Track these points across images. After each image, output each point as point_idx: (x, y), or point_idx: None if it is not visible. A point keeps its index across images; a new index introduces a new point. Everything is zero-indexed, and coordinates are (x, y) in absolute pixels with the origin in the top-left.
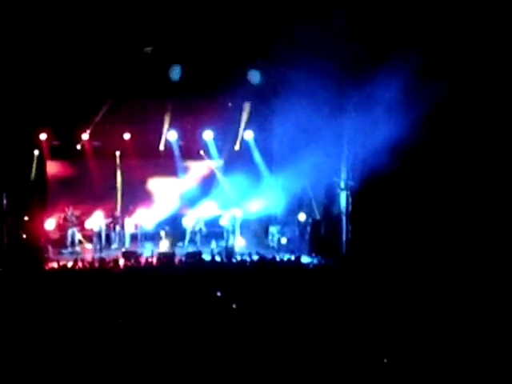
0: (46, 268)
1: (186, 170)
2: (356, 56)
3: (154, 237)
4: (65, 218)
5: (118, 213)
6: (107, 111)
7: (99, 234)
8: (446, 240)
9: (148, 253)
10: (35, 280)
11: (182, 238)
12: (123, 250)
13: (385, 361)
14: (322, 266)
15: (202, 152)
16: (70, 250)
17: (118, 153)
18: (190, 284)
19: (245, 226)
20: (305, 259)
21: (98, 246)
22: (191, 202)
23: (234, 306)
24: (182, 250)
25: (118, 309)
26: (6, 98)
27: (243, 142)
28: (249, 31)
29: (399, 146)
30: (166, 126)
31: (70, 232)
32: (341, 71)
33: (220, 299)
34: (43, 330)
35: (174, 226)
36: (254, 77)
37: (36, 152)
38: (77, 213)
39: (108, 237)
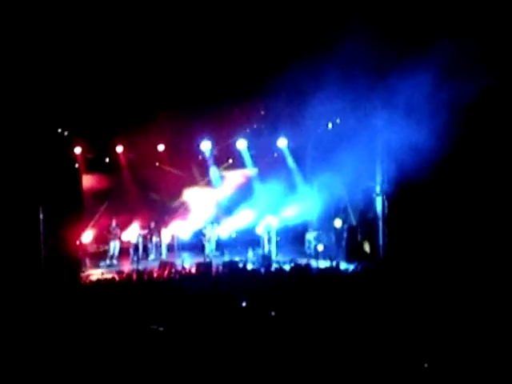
0: (84, 281)
1: (220, 179)
2: (388, 57)
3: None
4: (108, 231)
5: (153, 224)
6: (141, 123)
7: (136, 246)
8: (484, 244)
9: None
10: (73, 293)
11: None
12: (160, 260)
13: (425, 366)
14: (358, 271)
15: (230, 160)
16: (107, 262)
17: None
18: (228, 292)
19: (281, 234)
20: (342, 265)
21: (135, 258)
22: (227, 210)
23: (272, 313)
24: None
25: (157, 319)
26: (39, 112)
27: (277, 150)
28: (280, 37)
29: (434, 149)
30: (199, 136)
31: (112, 244)
32: (373, 73)
33: (259, 307)
34: (81, 341)
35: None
36: None
37: (76, 165)
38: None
39: (145, 248)
